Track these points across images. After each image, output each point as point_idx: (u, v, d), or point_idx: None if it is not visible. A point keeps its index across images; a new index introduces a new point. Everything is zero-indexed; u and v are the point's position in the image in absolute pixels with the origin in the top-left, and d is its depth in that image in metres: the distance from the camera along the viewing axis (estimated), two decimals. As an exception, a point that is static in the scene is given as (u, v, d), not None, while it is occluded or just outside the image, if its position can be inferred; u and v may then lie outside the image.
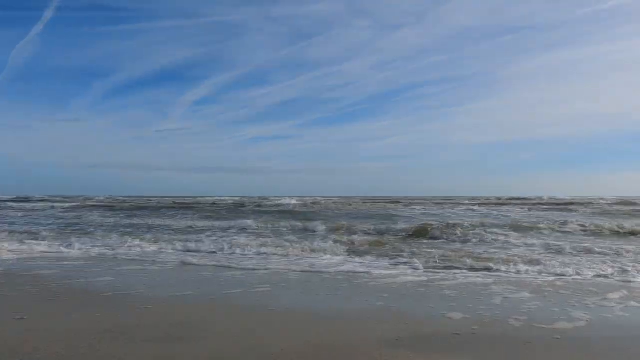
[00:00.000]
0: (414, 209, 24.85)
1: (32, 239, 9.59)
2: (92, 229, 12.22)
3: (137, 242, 9.13)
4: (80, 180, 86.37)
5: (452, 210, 20.34)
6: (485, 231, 10.20)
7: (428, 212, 19.97)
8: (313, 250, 7.95)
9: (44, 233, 10.79)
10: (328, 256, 7.47)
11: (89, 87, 59.33)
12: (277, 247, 8.26)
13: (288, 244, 8.61)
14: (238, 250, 8.02)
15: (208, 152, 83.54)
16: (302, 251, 7.88)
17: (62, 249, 8.43)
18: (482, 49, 57.96)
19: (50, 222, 14.93)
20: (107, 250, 8.18)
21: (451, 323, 3.63)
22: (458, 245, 8.77)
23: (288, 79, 63.02)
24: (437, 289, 5.02)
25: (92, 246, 8.63)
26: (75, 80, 57.91)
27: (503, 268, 6.13)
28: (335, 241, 8.93)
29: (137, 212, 20.27)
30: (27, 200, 33.57)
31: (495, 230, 10.52)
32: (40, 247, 8.53)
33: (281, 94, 65.73)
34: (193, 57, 57.80)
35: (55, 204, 27.06)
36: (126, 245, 8.76)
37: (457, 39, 58.23)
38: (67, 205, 26.51)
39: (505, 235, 9.80)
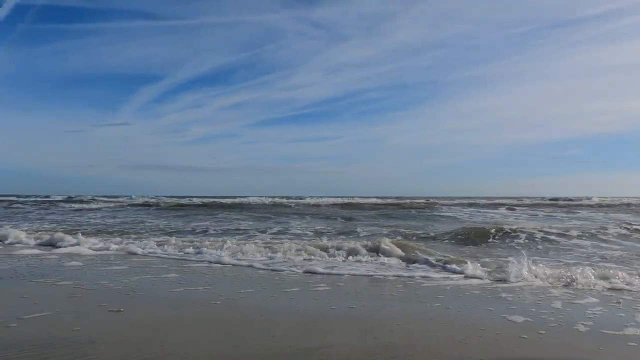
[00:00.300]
0: (442, 209, 24.31)
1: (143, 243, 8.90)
2: (187, 231, 12.12)
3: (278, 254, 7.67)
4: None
5: (491, 212, 19.83)
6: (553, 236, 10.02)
7: (469, 213, 19.50)
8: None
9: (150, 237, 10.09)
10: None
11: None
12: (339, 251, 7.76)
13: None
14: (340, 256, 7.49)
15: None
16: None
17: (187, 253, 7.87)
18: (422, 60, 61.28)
19: (144, 223, 15.02)
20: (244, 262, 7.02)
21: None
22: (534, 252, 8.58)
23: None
24: (495, 291, 4.95)
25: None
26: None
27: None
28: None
29: (203, 212, 20.83)
30: (80, 201, 35.17)
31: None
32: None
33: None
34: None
35: (107, 204, 28.20)
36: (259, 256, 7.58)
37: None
38: (126, 204, 28.07)
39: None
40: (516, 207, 26.33)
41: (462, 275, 5.83)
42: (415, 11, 58.42)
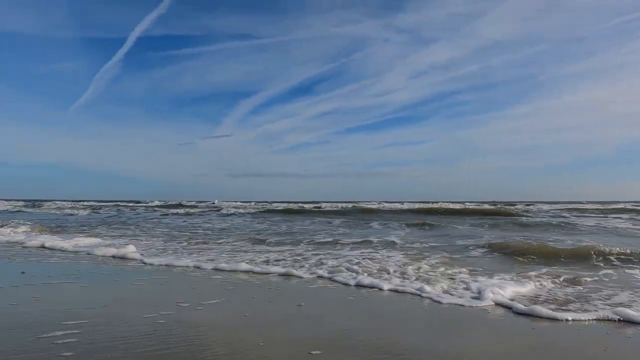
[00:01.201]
0: (541, 214, 21.73)
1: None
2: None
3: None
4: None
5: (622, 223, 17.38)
6: None
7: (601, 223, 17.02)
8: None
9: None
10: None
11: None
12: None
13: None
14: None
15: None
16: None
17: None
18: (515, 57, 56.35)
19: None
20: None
21: None
22: None
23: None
24: None
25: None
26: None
27: None
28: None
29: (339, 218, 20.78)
30: (193, 206, 37.97)
31: None
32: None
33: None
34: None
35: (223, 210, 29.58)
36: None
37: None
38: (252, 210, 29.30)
39: None
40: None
41: None
42: (505, 7, 55.11)
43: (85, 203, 53.46)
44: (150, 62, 59.28)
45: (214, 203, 48.35)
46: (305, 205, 37.60)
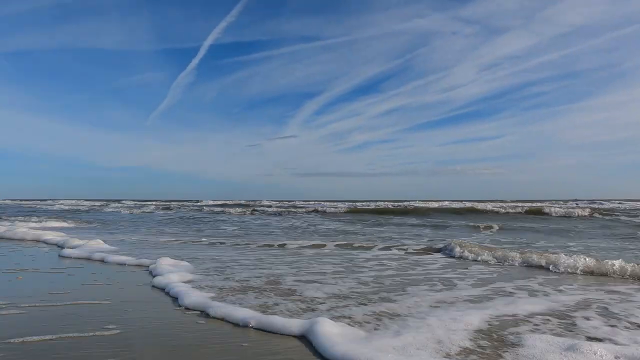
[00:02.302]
0: None
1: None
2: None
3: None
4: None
5: None
6: None
7: None
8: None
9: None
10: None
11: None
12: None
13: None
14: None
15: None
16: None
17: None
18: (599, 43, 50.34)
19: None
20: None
21: None
22: None
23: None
24: None
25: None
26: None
27: None
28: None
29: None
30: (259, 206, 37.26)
31: None
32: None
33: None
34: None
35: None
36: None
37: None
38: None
39: None
40: None
41: None
42: (587, -12, 50.70)
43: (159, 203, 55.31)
44: (221, 69, 61.73)
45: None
46: (390, 205, 34.90)
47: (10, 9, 48.01)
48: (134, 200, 65.61)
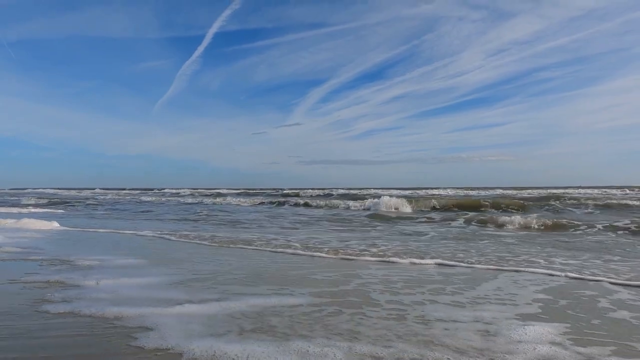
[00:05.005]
0: None
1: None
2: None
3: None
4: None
5: None
6: None
7: None
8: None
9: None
10: None
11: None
12: None
13: None
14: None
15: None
16: None
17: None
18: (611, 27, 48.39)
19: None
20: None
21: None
22: None
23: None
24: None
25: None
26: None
27: None
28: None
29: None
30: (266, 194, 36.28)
31: None
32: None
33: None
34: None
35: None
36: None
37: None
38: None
39: None
40: None
41: None
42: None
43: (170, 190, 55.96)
44: (226, 57, 63.63)
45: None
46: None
47: (19, -2, 47.72)
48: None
